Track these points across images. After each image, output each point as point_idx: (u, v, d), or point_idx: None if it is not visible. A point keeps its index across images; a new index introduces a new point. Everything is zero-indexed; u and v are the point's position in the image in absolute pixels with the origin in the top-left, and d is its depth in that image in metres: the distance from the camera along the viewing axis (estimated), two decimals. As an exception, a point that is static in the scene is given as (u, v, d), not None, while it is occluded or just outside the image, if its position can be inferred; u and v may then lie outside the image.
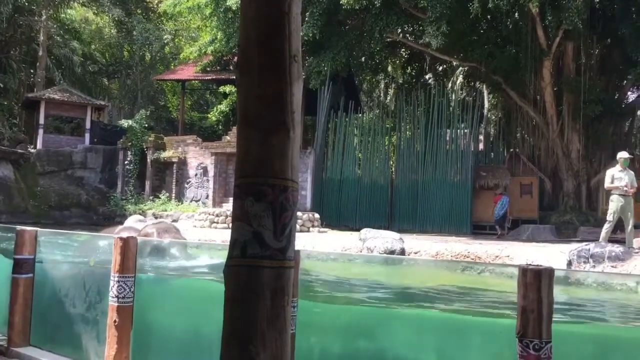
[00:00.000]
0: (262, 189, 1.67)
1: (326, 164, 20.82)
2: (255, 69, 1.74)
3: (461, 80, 25.94)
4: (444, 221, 19.31)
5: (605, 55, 21.21)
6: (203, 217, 18.00)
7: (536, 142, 21.18)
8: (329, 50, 19.37)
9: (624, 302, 4.85)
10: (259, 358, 1.59)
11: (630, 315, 4.51)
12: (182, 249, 7.07)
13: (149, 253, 6.49)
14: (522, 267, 2.87)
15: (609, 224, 10.96)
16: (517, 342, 2.72)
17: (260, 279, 1.64)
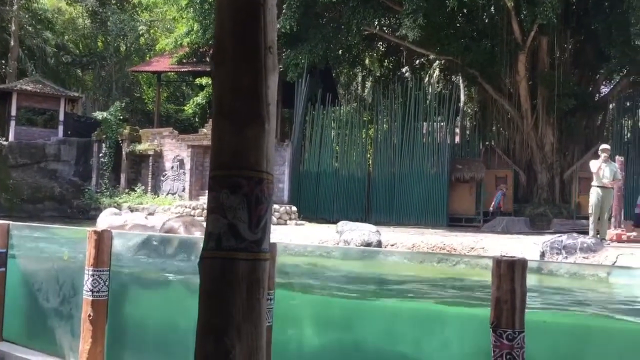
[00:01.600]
0: (237, 181, 1.66)
1: (304, 157, 20.81)
2: (230, 61, 1.73)
3: (438, 73, 26.10)
4: (421, 213, 19.47)
5: (579, 50, 21.53)
6: (179, 210, 17.87)
7: (511, 136, 21.44)
8: (306, 43, 19.32)
9: (595, 292, 4.93)
10: (234, 351, 1.59)
11: (601, 304, 4.60)
12: None
13: (175, 251, 6.19)
14: (496, 259, 2.90)
15: (592, 217, 11.13)
16: (491, 332, 2.76)
17: (236, 271, 1.63)
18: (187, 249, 5.63)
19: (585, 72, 21.35)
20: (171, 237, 6.11)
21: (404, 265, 5.19)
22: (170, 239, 5.96)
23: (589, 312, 4.48)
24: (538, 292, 4.57)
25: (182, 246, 5.82)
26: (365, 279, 5.31)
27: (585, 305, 4.56)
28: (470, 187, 19.81)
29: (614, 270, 5.93)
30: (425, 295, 5.01)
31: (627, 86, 21.04)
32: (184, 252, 5.65)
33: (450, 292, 5.00)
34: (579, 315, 4.39)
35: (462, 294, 5.08)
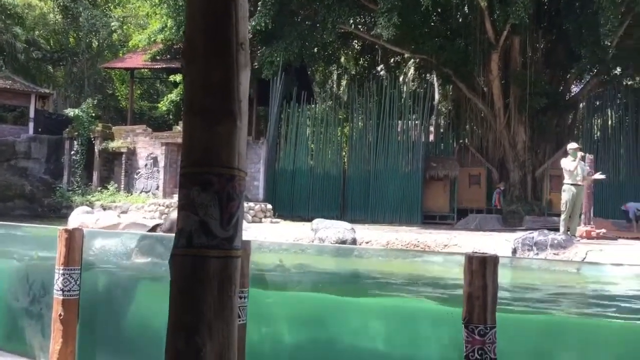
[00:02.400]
0: (208, 178, 1.65)
1: (279, 155, 20.77)
2: (201, 57, 1.71)
3: (412, 72, 26.27)
4: (395, 211, 19.58)
5: (550, 50, 21.86)
6: (153, 208, 17.70)
7: (484, 134, 21.69)
8: (281, 41, 19.27)
9: (565, 289, 5.02)
10: (206, 349, 1.58)
11: (570, 300, 4.69)
12: None
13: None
14: (468, 255, 2.93)
15: (564, 214, 11.31)
16: (463, 328, 2.78)
17: (207, 268, 1.62)
18: None
19: (556, 72, 21.69)
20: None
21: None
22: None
23: (559, 307, 4.56)
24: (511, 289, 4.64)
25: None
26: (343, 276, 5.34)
27: (555, 300, 4.64)
28: (444, 185, 19.99)
29: (584, 266, 6.04)
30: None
31: (597, 86, 21.43)
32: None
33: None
34: (549, 311, 4.47)
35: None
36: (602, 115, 21.01)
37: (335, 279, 5.44)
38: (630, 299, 4.44)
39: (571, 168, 11.40)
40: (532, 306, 4.47)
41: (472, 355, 2.76)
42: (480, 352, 2.75)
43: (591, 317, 4.38)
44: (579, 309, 4.59)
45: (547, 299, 4.58)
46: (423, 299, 4.88)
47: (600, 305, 4.53)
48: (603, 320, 4.18)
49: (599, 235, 11.85)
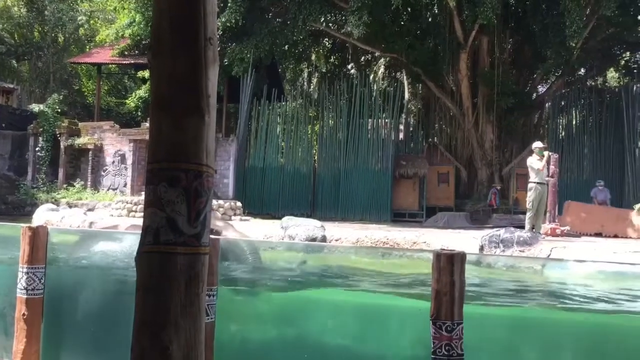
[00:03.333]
0: (175, 174, 1.63)
1: (249, 152, 20.67)
2: (168, 51, 1.69)
3: (382, 70, 26.40)
4: (365, 209, 19.67)
5: (518, 50, 22.21)
6: (120, 206, 17.42)
7: (453, 133, 21.93)
8: (252, 38, 19.16)
9: (530, 284, 5.12)
10: (172, 346, 1.56)
11: (534, 295, 4.78)
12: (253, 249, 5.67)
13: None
14: (436, 252, 2.97)
15: (530, 212, 11.54)
16: (431, 324, 2.81)
17: (174, 265, 1.60)
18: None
19: (523, 72, 22.05)
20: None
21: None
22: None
23: (525, 302, 4.65)
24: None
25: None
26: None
27: (521, 295, 4.73)
28: (413, 183, 20.16)
29: (548, 263, 6.17)
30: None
31: (562, 86, 21.87)
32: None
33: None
34: (515, 305, 4.56)
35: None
36: (567, 115, 21.44)
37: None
38: (591, 292, 4.55)
39: (539, 166, 11.62)
40: (498, 301, 4.55)
41: (439, 351, 2.80)
42: (448, 347, 2.79)
43: (555, 310, 4.48)
44: (543, 303, 4.69)
45: (512, 294, 4.66)
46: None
47: (562, 299, 4.63)
48: (566, 313, 4.28)
49: (563, 232, 12.11)
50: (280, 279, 5.39)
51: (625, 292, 4.51)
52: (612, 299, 4.49)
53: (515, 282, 5.08)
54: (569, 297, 4.61)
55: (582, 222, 13.62)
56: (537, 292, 4.82)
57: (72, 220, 13.60)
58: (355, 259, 5.97)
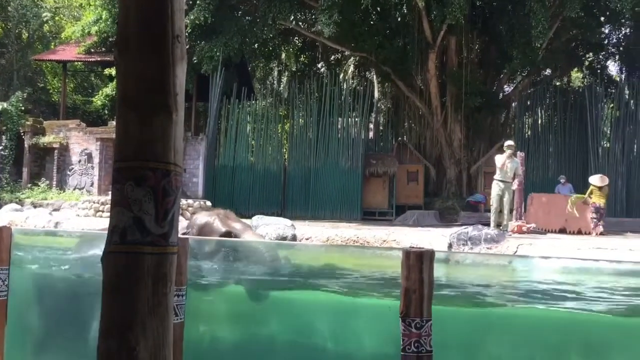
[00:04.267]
0: (142, 172, 1.61)
1: (219, 151, 20.53)
2: (135, 49, 1.67)
3: (352, 69, 26.50)
4: (336, 207, 19.72)
5: (485, 50, 22.53)
6: (87, 206, 17.12)
7: (422, 132, 22.13)
8: (221, 36, 19.01)
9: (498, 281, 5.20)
10: (139, 347, 1.54)
11: (503, 292, 4.86)
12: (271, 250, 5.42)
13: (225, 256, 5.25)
14: (405, 250, 2.99)
15: (493, 209, 11.84)
16: (400, 321, 2.83)
17: (141, 265, 1.58)
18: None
19: (490, 72, 22.37)
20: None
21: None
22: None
23: (491, 299, 4.72)
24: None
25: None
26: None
27: (487, 292, 4.80)
28: (383, 182, 20.29)
29: (515, 260, 6.27)
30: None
31: (528, 86, 22.27)
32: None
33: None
34: (482, 302, 4.62)
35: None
36: (533, 114, 21.84)
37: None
38: (557, 288, 4.65)
39: (499, 164, 11.94)
40: (466, 298, 4.60)
41: (408, 348, 2.82)
42: (417, 344, 2.81)
43: (521, 307, 4.56)
44: (509, 300, 4.77)
45: (480, 291, 4.73)
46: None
47: (528, 296, 4.71)
48: (532, 309, 4.36)
49: (529, 230, 12.35)
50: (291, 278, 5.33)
51: (589, 288, 4.62)
52: (576, 296, 4.59)
53: (482, 278, 5.15)
54: (535, 293, 4.70)
55: (547, 217, 13.89)
56: (503, 289, 4.91)
57: (36, 221, 13.33)
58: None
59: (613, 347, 4.10)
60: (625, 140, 19.52)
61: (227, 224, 5.79)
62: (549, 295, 4.59)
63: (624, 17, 20.62)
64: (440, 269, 4.21)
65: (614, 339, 4.12)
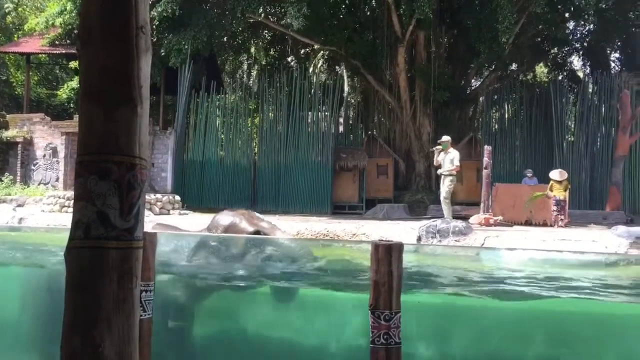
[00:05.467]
0: (106, 166, 1.58)
1: (187, 145, 20.32)
2: (98, 40, 1.63)
3: (322, 63, 26.48)
4: (306, 202, 19.72)
5: (453, 45, 22.75)
6: (52, 201, 16.77)
7: (391, 126, 22.26)
8: (189, 28, 18.78)
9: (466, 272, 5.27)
10: (105, 344, 1.51)
11: (470, 282, 4.93)
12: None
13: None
14: (375, 243, 3.01)
15: (446, 201, 12.33)
16: (369, 314, 2.85)
17: (106, 260, 1.55)
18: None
19: (458, 67, 22.60)
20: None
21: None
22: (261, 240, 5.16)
23: (458, 290, 4.78)
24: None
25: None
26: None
27: (455, 283, 4.86)
28: (353, 176, 20.36)
29: (482, 252, 6.37)
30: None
31: (495, 80, 22.58)
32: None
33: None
34: (449, 294, 4.68)
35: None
36: (500, 108, 22.15)
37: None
38: (522, 279, 4.74)
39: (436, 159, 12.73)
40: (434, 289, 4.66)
41: (377, 340, 2.84)
42: (386, 336, 2.83)
43: (488, 298, 4.63)
44: (476, 290, 4.84)
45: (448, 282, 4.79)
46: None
47: (494, 286, 4.79)
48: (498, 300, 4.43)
49: (496, 222, 12.55)
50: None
51: (553, 278, 4.72)
52: (541, 285, 4.69)
53: (453, 269, 5.22)
54: (502, 283, 4.78)
55: (512, 208, 14.14)
56: (471, 280, 4.98)
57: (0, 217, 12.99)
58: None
59: (578, 334, 4.20)
60: (588, 134, 19.95)
61: (254, 223, 5.62)
62: (515, 285, 4.67)
63: (587, 14, 21.06)
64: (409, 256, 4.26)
65: (579, 326, 4.22)
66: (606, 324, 4.12)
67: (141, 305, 3.15)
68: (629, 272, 4.97)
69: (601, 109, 20.08)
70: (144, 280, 3.17)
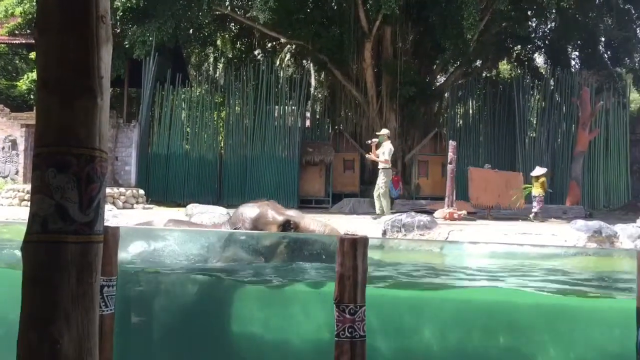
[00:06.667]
0: (65, 158, 1.54)
1: (152, 139, 20.04)
2: (56, 29, 1.59)
3: (289, 57, 26.40)
4: (273, 196, 19.56)
5: (419, 41, 22.92)
6: (11, 195, 16.36)
7: (358, 120, 22.34)
8: (154, 20, 18.46)
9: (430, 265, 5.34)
10: (63, 340, 1.48)
11: (434, 275, 5.00)
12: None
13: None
14: (340, 237, 3.02)
15: (379, 195, 12.39)
16: (334, 307, 2.86)
17: (64, 255, 1.52)
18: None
19: (424, 62, 22.80)
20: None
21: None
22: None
23: (424, 283, 4.84)
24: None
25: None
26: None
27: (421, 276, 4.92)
28: (319, 170, 20.40)
29: (446, 245, 6.47)
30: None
31: (460, 76, 22.86)
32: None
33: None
34: (415, 286, 4.73)
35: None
36: (464, 104, 22.48)
37: None
38: (485, 271, 4.82)
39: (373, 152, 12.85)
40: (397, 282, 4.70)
41: (342, 334, 2.86)
42: (351, 330, 2.85)
43: (452, 290, 4.70)
44: (439, 283, 4.90)
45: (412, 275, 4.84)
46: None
47: (459, 278, 4.87)
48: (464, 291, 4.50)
49: (460, 216, 12.76)
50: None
51: (515, 270, 4.82)
52: (502, 277, 4.78)
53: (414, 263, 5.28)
54: (463, 276, 4.86)
55: (484, 192, 14.53)
56: (434, 273, 5.05)
57: (-45, 211, 12.61)
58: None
59: (538, 326, 4.29)
60: (550, 130, 20.41)
61: (282, 212, 5.40)
62: (478, 278, 4.75)
63: (549, 12, 21.48)
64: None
65: (539, 318, 4.31)
66: (563, 315, 4.23)
67: (103, 300, 3.11)
68: (586, 264, 5.11)
69: (562, 105, 20.56)
70: (106, 275, 3.12)
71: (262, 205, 5.46)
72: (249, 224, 5.17)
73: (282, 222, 5.07)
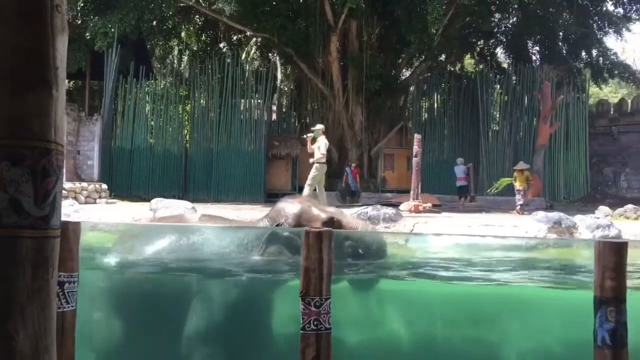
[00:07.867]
0: (19, 151, 1.50)
1: (115, 132, 19.68)
2: (9, 18, 1.54)
3: (255, 50, 26.23)
4: (239, 190, 19.58)
5: (384, 35, 23.04)
6: (-32, 191, 15.87)
7: (324, 114, 22.36)
8: (116, 11, 18.08)
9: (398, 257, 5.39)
10: (18, 336, 1.45)
11: (398, 267, 5.04)
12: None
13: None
14: (306, 230, 3.02)
15: (310, 189, 12.22)
16: (300, 300, 2.87)
17: (19, 250, 1.48)
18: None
19: (389, 56, 22.93)
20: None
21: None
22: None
23: (387, 274, 4.88)
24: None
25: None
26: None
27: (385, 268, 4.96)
28: (286, 164, 20.39)
29: (411, 237, 6.54)
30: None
31: (425, 70, 23.08)
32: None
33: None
34: (379, 278, 4.77)
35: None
36: (429, 98, 22.71)
37: None
38: (448, 263, 4.89)
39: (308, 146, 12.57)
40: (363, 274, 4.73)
41: (308, 327, 2.86)
42: (316, 322, 2.86)
43: (415, 281, 4.75)
44: (403, 274, 4.95)
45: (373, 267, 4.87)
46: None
47: (423, 269, 4.93)
48: (427, 283, 4.56)
49: (425, 209, 12.91)
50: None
51: (476, 262, 4.90)
52: (465, 269, 4.86)
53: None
54: (428, 268, 4.92)
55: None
56: (397, 264, 5.10)
57: None
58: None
59: (501, 316, 4.38)
60: (512, 124, 20.79)
61: (324, 209, 5.21)
62: (442, 269, 4.82)
63: (512, 7, 21.82)
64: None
65: (502, 308, 4.40)
66: (525, 305, 4.32)
67: (64, 297, 3.04)
68: (546, 255, 5.23)
69: (524, 99, 20.96)
70: (67, 271, 3.06)
71: (303, 202, 5.33)
72: (292, 220, 5.05)
73: (326, 219, 4.91)
